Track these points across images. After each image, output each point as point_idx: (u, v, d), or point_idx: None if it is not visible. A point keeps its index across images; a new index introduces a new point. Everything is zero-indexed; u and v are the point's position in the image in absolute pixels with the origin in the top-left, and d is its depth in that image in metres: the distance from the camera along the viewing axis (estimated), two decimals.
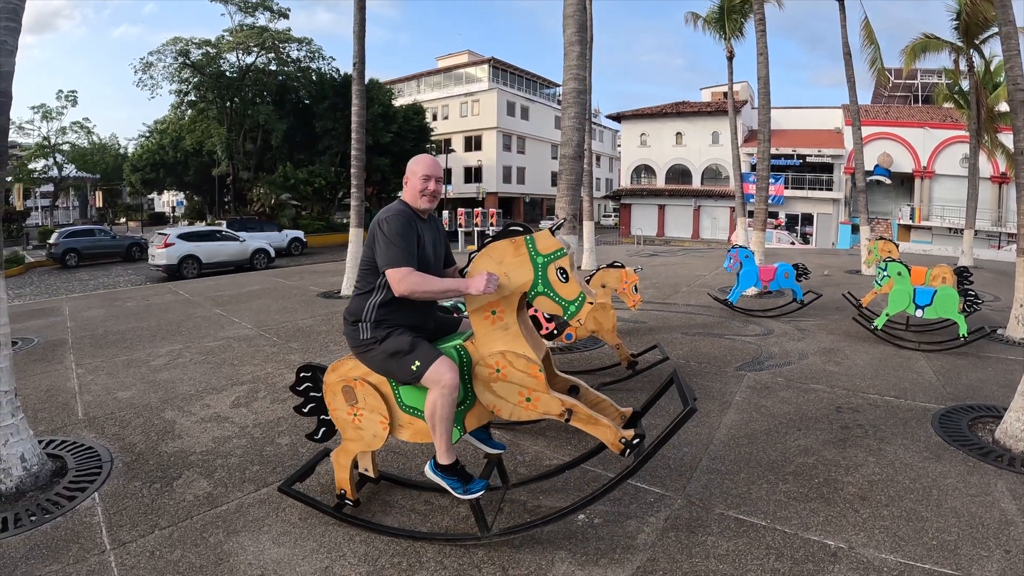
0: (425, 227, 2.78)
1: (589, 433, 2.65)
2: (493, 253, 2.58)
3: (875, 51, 15.59)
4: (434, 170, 2.76)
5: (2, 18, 3.54)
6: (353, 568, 2.69)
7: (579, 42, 6.59)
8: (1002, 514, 3.09)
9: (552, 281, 2.50)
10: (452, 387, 2.53)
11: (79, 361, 6.54)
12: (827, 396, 4.96)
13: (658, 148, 38.14)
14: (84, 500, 3.37)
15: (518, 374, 2.57)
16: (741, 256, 8.60)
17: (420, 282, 2.53)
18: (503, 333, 2.60)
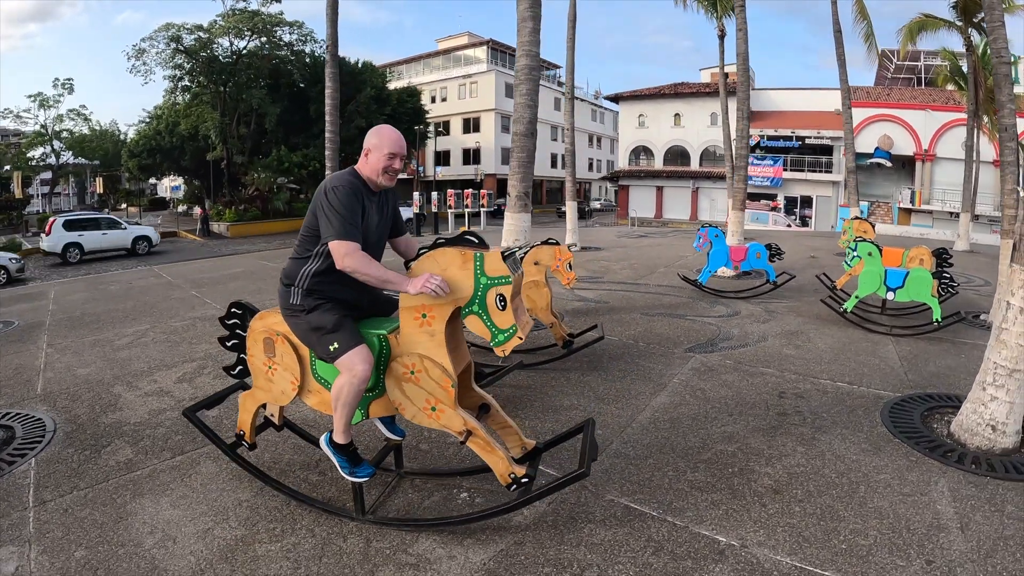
0: (375, 201, 2.70)
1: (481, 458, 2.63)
2: (440, 258, 2.50)
3: (868, 27, 15.36)
4: (399, 148, 2.65)
5: None
6: (232, 531, 2.83)
7: (532, 18, 6.53)
8: (935, 517, 2.80)
9: (489, 305, 2.43)
10: (362, 379, 2.52)
11: (51, 341, 6.72)
12: (774, 381, 4.82)
13: (656, 129, 37.80)
14: (22, 465, 3.59)
15: (430, 382, 2.54)
16: (711, 235, 8.55)
17: (363, 264, 2.47)
18: (428, 338, 2.55)
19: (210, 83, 30.80)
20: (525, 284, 5.39)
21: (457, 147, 49.34)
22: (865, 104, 30.05)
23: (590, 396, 4.47)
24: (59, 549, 2.72)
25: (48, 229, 19.26)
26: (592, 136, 59.20)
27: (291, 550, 2.66)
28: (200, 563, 2.58)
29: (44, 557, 2.67)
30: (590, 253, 14.51)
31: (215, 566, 2.56)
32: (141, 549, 2.70)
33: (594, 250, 15.26)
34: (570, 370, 5.10)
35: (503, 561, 2.52)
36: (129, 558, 2.63)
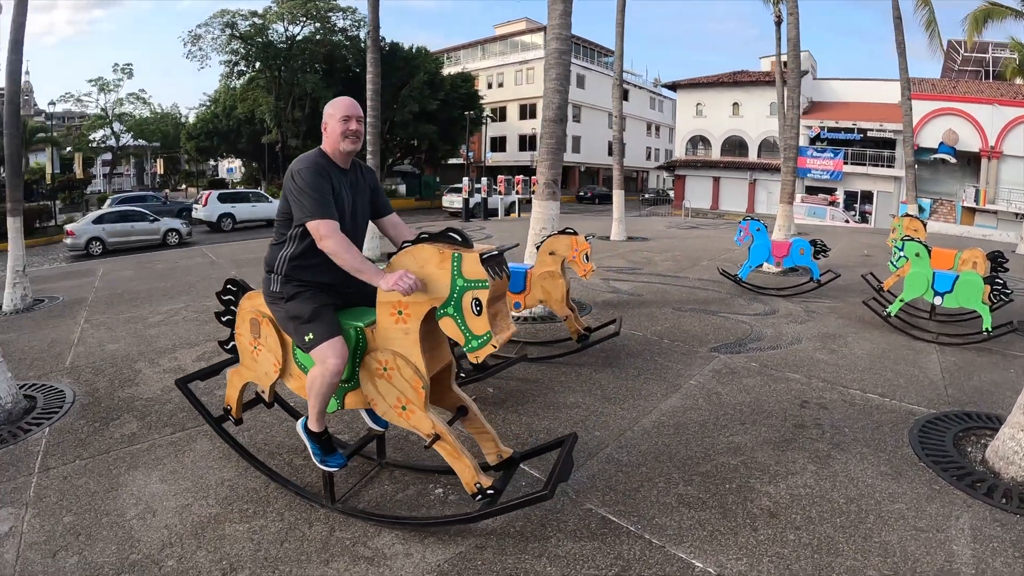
0: (343, 178, 2.63)
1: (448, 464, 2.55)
2: (418, 255, 2.39)
3: (929, 13, 14.31)
4: (352, 110, 2.59)
5: None
6: (208, 508, 2.88)
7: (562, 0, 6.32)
8: (948, 560, 2.47)
9: (465, 308, 2.29)
10: (333, 372, 2.48)
11: (88, 317, 7.03)
12: (798, 388, 4.47)
13: (714, 118, 36.52)
14: (37, 433, 3.78)
15: (402, 381, 2.48)
16: (752, 229, 8.17)
17: (341, 248, 2.41)
18: (402, 335, 2.47)
19: (265, 68, 31.68)
20: (539, 274, 5.27)
21: (513, 133, 49.16)
22: (929, 97, 28.12)
23: (597, 394, 4.31)
24: (51, 514, 2.85)
25: (204, 201, 22.34)
26: (650, 124, 57.90)
27: (257, 532, 2.68)
28: (171, 537, 2.65)
29: (36, 520, 2.80)
30: (635, 243, 14.23)
31: (183, 541, 2.61)
32: (122, 519, 2.79)
33: (640, 240, 14.96)
34: (583, 365, 4.96)
35: (458, 564, 2.43)
36: (110, 526, 2.73)
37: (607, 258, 11.45)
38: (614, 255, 11.94)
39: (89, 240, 16.90)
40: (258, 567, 2.44)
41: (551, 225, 6.68)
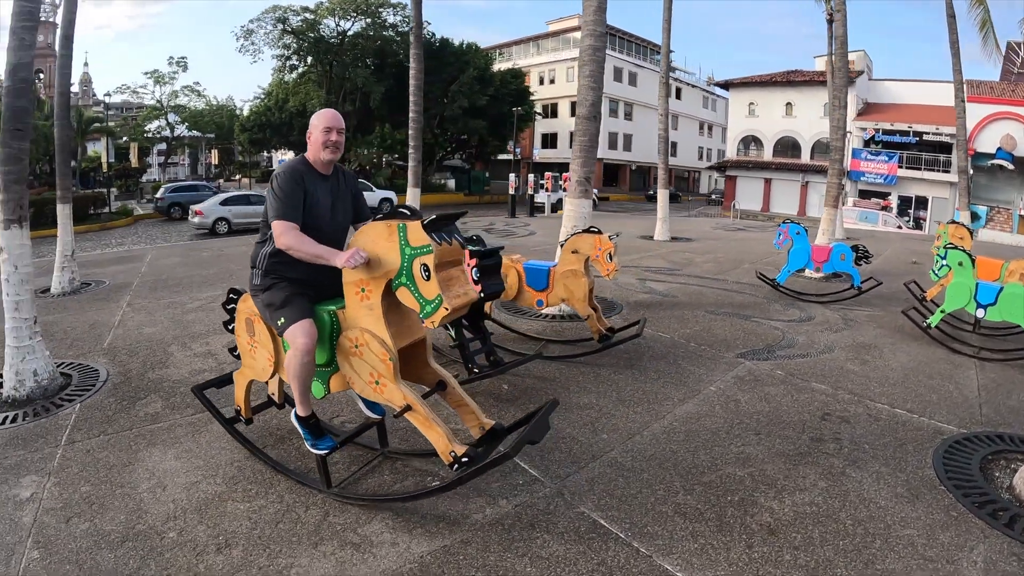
0: (322, 183, 2.83)
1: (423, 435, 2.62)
2: (370, 232, 2.54)
3: (984, 12, 13.50)
4: (335, 122, 2.82)
5: (21, 20, 4.38)
6: (215, 487, 3.01)
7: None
8: None
9: (415, 275, 2.42)
10: (303, 351, 2.61)
11: (131, 302, 7.38)
12: (822, 399, 4.30)
13: (767, 119, 35.53)
14: (68, 408, 4.02)
15: (372, 356, 2.58)
16: (792, 232, 7.92)
17: (296, 241, 2.61)
18: (367, 312, 2.60)
19: (316, 63, 32.35)
20: (562, 272, 5.24)
21: (564, 130, 48.92)
22: (987, 100, 26.57)
23: (611, 396, 4.26)
24: (70, 483, 3.04)
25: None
26: (703, 124, 56.76)
27: (256, 512, 2.78)
28: (176, 510, 2.79)
29: (56, 488, 2.99)
30: (678, 244, 13.98)
31: (187, 515, 2.75)
32: (135, 492, 2.96)
33: (683, 241, 14.68)
34: (602, 366, 4.91)
35: (441, 557, 2.46)
36: (122, 498, 2.90)
37: (647, 258, 11.29)
38: (655, 255, 11.76)
39: (216, 220, 18.74)
40: (251, 545, 2.53)
41: (583, 223, 6.63)
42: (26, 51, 4.33)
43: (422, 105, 11.15)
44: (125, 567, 2.40)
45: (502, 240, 13.99)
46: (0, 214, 4.22)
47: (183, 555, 2.47)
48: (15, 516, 2.75)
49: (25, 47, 4.32)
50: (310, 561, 2.44)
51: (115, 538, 2.57)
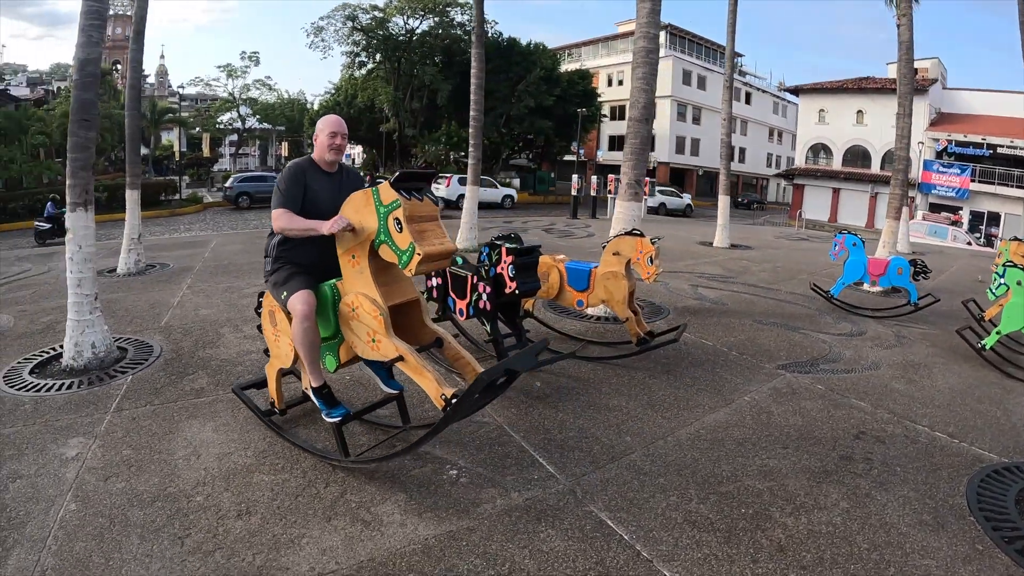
0: (326, 179, 3.12)
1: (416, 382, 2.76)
2: (351, 203, 2.80)
3: None
4: (339, 127, 3.13)
5: (90, 19, 4.74)
6: (244, 459, 3.20)
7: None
8: None
9: (391, 230, 2.64)
10: (302, 316, 2.86)
11: (191, 285, 7.79)
12: (860, 417, 4.13)
13: (837, 126, 33.98)
14: (120, 379, 4.32)
15: (366, 315, 2.78)
16: (848, 243, 7.62)
17: (287, 221, 2.89)
18: (359, 275, 2.82)
19: (385, 60, 32.99)
20: (603, 274, 5.23)
21: None
22: None
23: (642, 400, 4.23)
24: (113, 446, 3.29)
25: (448, 183, 25.77)
26: (773, 130, 54.91)
27: (279, 484, 2.93)
28: (205, 477, 2.98)
29: (100, 450, 3.24)
30: (736, 252, 13.66)
31: (215, 482, 2.94)
32: (171, 457, 3.18)
33: (743, 248, 14.33)
34: (638, 369, 4.87)
35: (444, 541, 2.54)
36: (158, 462, 3.13)
37: (702, 264, 11.10)
38: (711, 262, 11.55)
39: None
40: (270, 514, 2.68)
41: (634, 226, 6.57)
42: (94, 47, 4.68)
43: (483, 104, 11.29)
44: (151, 524, 2.60)
45: (559, 241, 14.02)
46: (68, 197, 4.57)
47: (206, 517, 2.65)
48: (59, 472, 3.00)
49: (93, 44, 4.66)
50: (321, 533, 2.56)
51: (147, 497, 2.78)
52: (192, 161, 42.75)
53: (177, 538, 2.51)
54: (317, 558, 2.41)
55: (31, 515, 2.65)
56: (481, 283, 4.50)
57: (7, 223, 19.05)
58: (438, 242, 2.68)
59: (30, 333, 5.51)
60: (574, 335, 5.77)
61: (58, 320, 5.57)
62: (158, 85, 66.55)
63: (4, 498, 2.78)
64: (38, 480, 2.93)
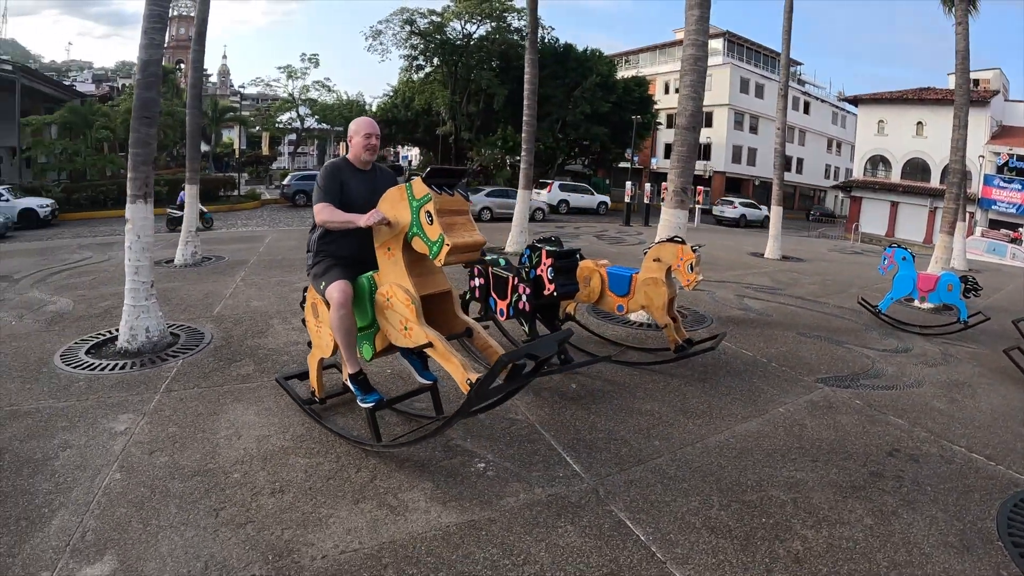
0: (361, 176, 3.28)
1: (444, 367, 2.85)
2: (387, 198, 2.94)
3: None
4: (373, 128, 3.30)
5: (152, 23, 5.04)
6: (282, 442, 3.38)
7: (699, 5, 6.13)
8: None
9: (422, 223, 2.76)
10: (338, 304, 3.02)
11: (244, 277, 8.14)
12: (896, 434, 4.03)
13: (896, 138, 32.69)
14: (171, 363, 4.58)
15: (399, 304, 2.90)
16: (897, 257, 7.39)
17: (329, 214, 3.06)
18: (394, 266, 2.96)
19: (442, 63, 33.31)
20: (643, 280, 5.23)
21: None
22: None
23: (675, 406, 4.23)
24: (160, 423, 3.52)
25: (549, 188, 27.35)
26: (831, 140, 53.28)
27: (313, 467, 3.08)
28: (243, 456, 3.17)
29: (147, 426, 3.48)
30: (788, 263, 13.41)
31: (253, 461, 3.12)
32: (213, 436, 3.38)
33: (794, 260, 14.03)
34: (674, 376, 4.86)
35: (464, 530, 2.63)
36: (202, 440, 3.33)
37: (751, 275, 10.96)
38: (760, 273, 11.39)
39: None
40: (301, 494, 2.83)
41: (678, 233, 6.54)
42: (155, 49, 4.97)
43: (536, 109, 11.40)
44: (190, 495, 2.78)
45: (610, 247, 14.03)
46: (128, 190, 4.86)
47: (240, 493, 2.81)
48: (108, 445, 3.23)
49: (155, 46, 4.96)
50: (348, 514, 2.68)
51: (187, 472, 2.97)
52: (252, 159, 44.08)
53: (212, 510, 2.67)
54: (342, 537, 2.53)
55: (78, 481, 2.88)
56: (521, 284, 4.57)
57: (71, 213, 20.04)
58: (467, 234, 2.78)
59: (88, 316, 5.89)
60: (615, 340, 5.80)
61: (115, 306, 5.90)
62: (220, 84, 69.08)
63: (54, 465, 3.02)
64: (87, 450, 3.17)
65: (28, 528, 2.52)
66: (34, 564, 2.31)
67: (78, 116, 25.03)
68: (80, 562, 2.33)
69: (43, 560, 2.33)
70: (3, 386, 4.06)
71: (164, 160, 30.68)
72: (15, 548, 2.39)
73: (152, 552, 2.40)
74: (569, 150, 36.62)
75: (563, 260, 4.57)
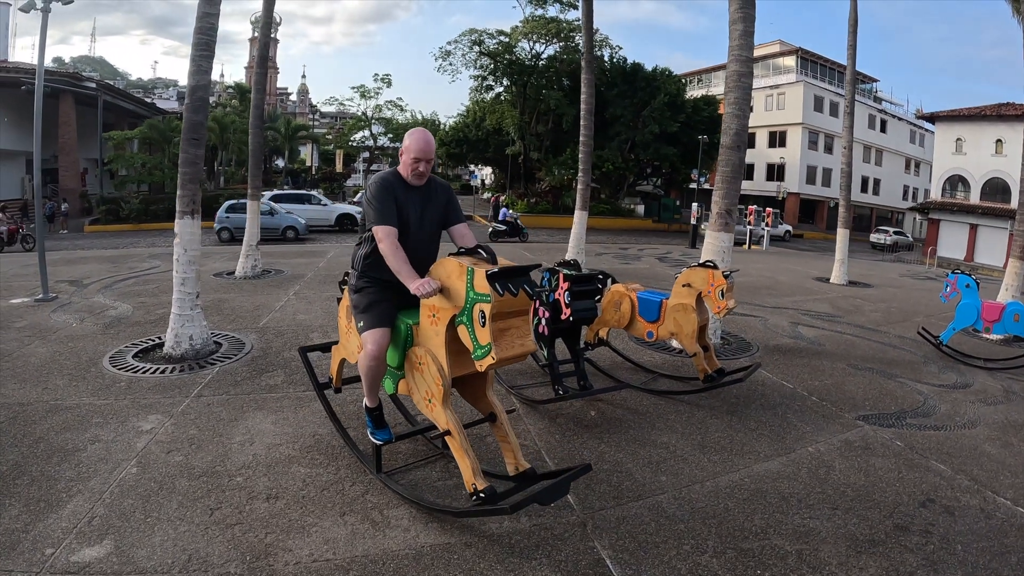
0: (412, 193, 3.05)
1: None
2: (445, 266, 2.72)
3: None
4: (423, 153, 3.00)
5: (199, 51, 5.35)
6: (290, 451, 3.54)
7: (743, 19, 5.98)
8: None
9: (474, 318, 2.54)
10: (370, 355, 2.90)
11: (298, 291, 8.49)
12: (933, 481, 3.69)
13: (975, 157, 30.37)
14: (208, 370, 4.87)
15: (430, 376, 2.78)
16: (960, 285, 6.91)
17: (390, 251, 2.83)
18: (435, 336, 2.78)
19: (511, 83, 33.75)
20: (673, 306, 5.10)
21: (761, 161, 46.16)
22: None
23: (694, 440, 4.06)
24: (183, 425, 3.78)
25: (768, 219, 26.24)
26: (909, 160, 50.49)
27: (311, 477, 3.22)
28: (251, 462, 3.35)
29: (171, 427, 3.74)
30: (853, 289, 12.75)
31: (257, 467, 3.30)
32: (228, 441, 3.59)
33: (860, 286, 13.32)
34: (700, 407, 4.70)
35: (439, 552, 2.65)
36: (215, 444, 3.55)
37: (811, 301, 10.49)
38: (821, 299, 10.89)
39: None
40: (294, 501, 2.97)
41: (722, 258, 6.37)
42: (203, 75, 5.31)
43: (592, 130, 11.39)
44: (192, 493, 2.99)
45: (670, 270, 13.75)
46: (177, 206, 5.20)
47: (238, 496, 2.99)
48: (132, 441, 3.52)
49: (202, 72, 5.30)
50: (331, 525, 2.79)
51: (196, 472, 3.19)
52: (326, 175, 45.90)
53: (209, 509, 2.86)
54: (319, 546, 2.63)
55: (98, 472, 3.17)
56: (541, 308, 4.56)
57: (149, 223, 21.37)
58: (519, 343, 2.60)
59: (144, 322, 6.35)
60: (648, 366, 5.66)
61: (170, 313, 6.27)
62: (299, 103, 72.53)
63: (81, 456, 3.33)
64: (112, 445, 3.46)
65: (45, 509, 2.81)
66: (43, 541, 2.58)
67: (157, 131, 26.81)
68: (82, 543, 2.58)
69: (51, 538, 2.60)
70: (53, 382, 4.49)
71: (241, 175, 32.42)
72: (30, 525, 2.69)
73: (145, 541, 2.61)
74: (639, 170, 36.20)
75: (581, 284, 4.52)
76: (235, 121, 31.59)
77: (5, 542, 2.56)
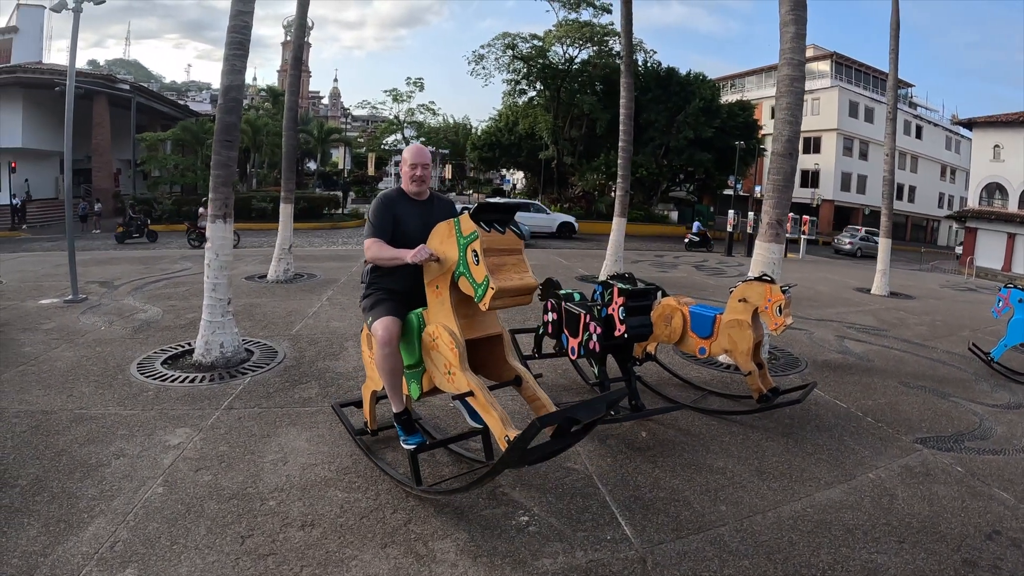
0: (414, 207, 3.20)
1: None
2: (436, 234, 2.85)
3: None
4: (419, 159, 3.19)
5: (233, 50, 5.23)
6: (326, 472, 3.32)
7: (794, 21, 5.71)
8: None
9: (468, 262, 2.64)
10: (383, 342, 2.95)
11: (331, 297, 8.34)
12: (998, 511, 3.46)
13: (1013, 164, 29.28)
14: (239, 380, 4.70)
15: (444, 346, 2.78)
16: (1014, 299, 6.54)
17: (377, 251, 3.02)
18: (441, 306, 2.84)
19: (544, 87, 33.50)
20: (727, 321, 4.82)
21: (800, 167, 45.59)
22: None
23: (752, 464, 3.81)
24: (212, 441, 3.59)
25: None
26: (945, 167, 49.24)
27: (350, 503, 3.01)
28: (284, 484, 3.15)
29: (200, 442, 3.56)
30: (895, 300, 12.34)
31: (291, 490, 3.09)
32: (260, 460, 3.40)
33: (903, 298, 12.89)
34: (755, 428, 4.44)
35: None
36: (246, 462, 3.36)
37: (854, 313, 10.14)
38: (864, 311, 10.52)
39: None
40: (331, 530, 2.76)
41: (773, 270, 6.09)
42: (236, 75, 5.17)
43: (632, 135, 11.14)
44: (222, 518, 2.78)
45: (708, 279, 13.44)
46: (209, 209, 5.07)
47: (271, 522, 2.78)
48: (159, 457, 3.34)
49: (236, 72, 5.17)
50: (372, 558, 2.57)
51: (226, 494, 2.99)
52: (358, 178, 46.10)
53: (240, 536, 2.66)
54: None
55: (122, 490, 2.99)
56: (592, 323, 4.33)
57: (179, 224, 21.54)
58: (516, 277, 2.65)
59: (173, 327, 6.23)
60: (698, 384, 5.40)
61: (201, 318, 6.17)
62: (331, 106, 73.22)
63: (104, 472, 3.16)
64: (138, 461, 3.29)
65: (65, 531, 2.64)
66: (62, 567, 2.40)
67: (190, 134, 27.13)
68: (103, 572, 2.39)
69: (71, 564, 2.42)
70: (78, 389, 4.36)
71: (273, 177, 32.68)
72: (48, 549, 2.51)
73: (171, 571, 2.42)
74: (673, 176, 35.70)
75: (636, 300, 4.28)
76: (268, 123, 31.87)
77: (23, 566, 2.40)
